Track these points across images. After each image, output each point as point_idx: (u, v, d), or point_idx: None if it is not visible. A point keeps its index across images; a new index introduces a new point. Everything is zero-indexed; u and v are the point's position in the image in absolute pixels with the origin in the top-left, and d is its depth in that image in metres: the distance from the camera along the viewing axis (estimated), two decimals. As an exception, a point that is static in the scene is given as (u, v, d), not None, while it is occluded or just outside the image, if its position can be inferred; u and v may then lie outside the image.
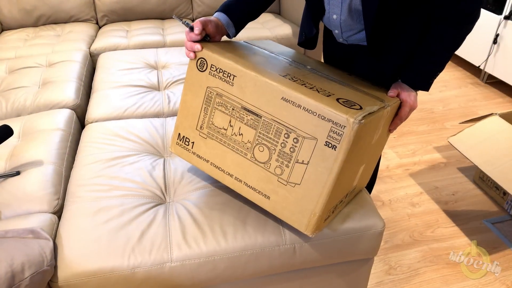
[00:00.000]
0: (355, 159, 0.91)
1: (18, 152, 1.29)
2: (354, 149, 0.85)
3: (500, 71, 2.65)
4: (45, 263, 0.91)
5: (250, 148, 0.94)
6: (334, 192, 0.89)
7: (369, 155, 1.02)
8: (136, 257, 0.95)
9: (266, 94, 0.88)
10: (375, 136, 0.97)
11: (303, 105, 0.84)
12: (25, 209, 1.12)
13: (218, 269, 0.99)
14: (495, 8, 2.60)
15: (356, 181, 1.05)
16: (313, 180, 0.87)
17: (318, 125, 0.83)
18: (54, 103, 1.64)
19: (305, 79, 0.92)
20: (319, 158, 0.85)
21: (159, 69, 1.92)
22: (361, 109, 0.83)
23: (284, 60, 1.04)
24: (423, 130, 2.33)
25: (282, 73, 0.92)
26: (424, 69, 1.05)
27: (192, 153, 1.05)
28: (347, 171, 0.90)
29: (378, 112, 0.88)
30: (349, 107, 0.82)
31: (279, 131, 0.88)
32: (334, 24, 1.09)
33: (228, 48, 0.99)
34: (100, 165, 1.21)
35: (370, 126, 0.87)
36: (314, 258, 1.05)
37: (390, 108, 0.97)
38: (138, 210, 1.05)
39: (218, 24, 1.03)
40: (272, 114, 0.89)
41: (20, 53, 2.19)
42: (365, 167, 1.06)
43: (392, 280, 1.46)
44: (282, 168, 0.90)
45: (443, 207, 1.78)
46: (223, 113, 0.96)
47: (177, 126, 1.06)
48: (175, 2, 2.67)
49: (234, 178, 0.99)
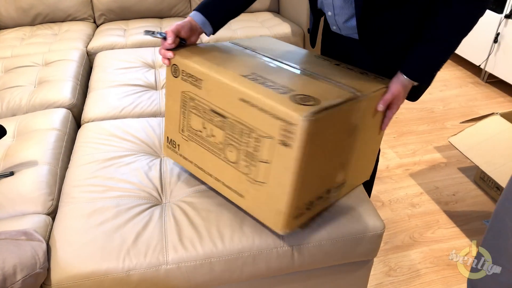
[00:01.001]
0: (324, 155, 0.90)
1: (12, 152, 1.27)
2: (315, 146, 0.84)
3: (500, 70, 2.64)
4: (38, 266, 0.89)
5: (222, 148, 0.96)
6: (302, 190, 0.88)
7: (352, 149, 0.99)
8: (131, 259, 0.94)
9: (227, 96, 0.90)
10: (354, 129, 0.94)
11: (259, 105, 0.84)
12: (19, 210, 1.10)
13: (215, 271, 0.98)
14: (496, 7, 2.59)
15: (342, 177, 1.02)
16: (277, 179, 0.87)
17: (272, 124, 0.83)
18: (50, 103, 1.63)
19: (270, 76, 0.93)
20: (279, 157, 0.85)
21: (156, 68, 1.90)
22: (316, 104, 0.82)
23: (259, 58, 1.04)
24: (423, 130, 2.31)
25: (246, 73, 0.93)
26: (427, 57, 0.97)
27: (179, 155, 1.10)
28: (316, 168, 0.89)
29: (342, 105, 0.86)
30: (302, 103, 0.82)
31: (243, 131, 0.90)
32: (327, 2, 1.07)
33: (200, 52, 1.02)
34: (95, 165, 1.19)
35: (332, 120, 0.86)
36: (312, 260, 1.04)
37: (368, 99, 0.94)
38: (133, 211, 1.04)
39: (192, 26, 1.04)
40: (234, 114, 0.90)
41: (17, 52, 2.17)
42: (355, 161, 1.03)
43: (392, 282, 1.44)
44: (249, 167, 0.91)
45: (444, 208, 1.77)
46: (197, 116, 1.00)
47: (165, 130, 1.11)
48: (173, 1, 2.65)
49: (213, 178, 1.02)
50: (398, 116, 2.42)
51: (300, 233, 1.01)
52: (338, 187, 1.04)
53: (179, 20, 2.62)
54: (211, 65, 0.95)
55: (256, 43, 1.17)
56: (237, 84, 0.88)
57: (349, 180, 1.07)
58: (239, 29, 2.47)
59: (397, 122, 2.37)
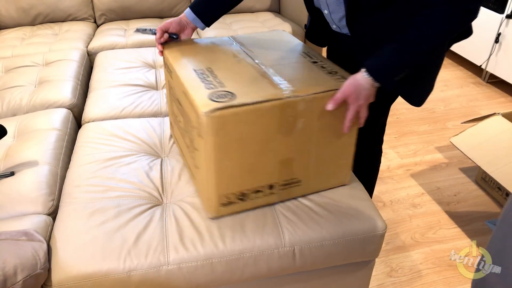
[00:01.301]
0: (250, 150, 0.93)
1: (13, 152, 1.27)
2: (227, 139, 0.89)
3: (502, 70, 2.63)
4: (39, 266, 0.89)
5: (183, 133, 1.09)
6: (225, 180, 0.95)
7: (299, 149, 0.99)
8: (132, 260, 0.93)
9: (179, 87, 1.02)
10: (291, 128, 0.94)
11: (189, 98, 0.93)
12: (19, 211, 1.10)
13: (216, 272, 0.97)
14: (497, 7, 2.58)
15: (290, 175, 1.02)
16: (204, 167, 0.95)
17: (194, 116, 0.92)
18: (50, 103, 1.62)
19: (219, 71, 1.00)
20: (199, 146, 0.94)
21: (157, 68, 1.90)
22: (228, 101, 0.87)
23: (235, 53, 1.11)
24: (424, 130, 2.31)
25: (199, 67, 1.02)
26: (393, 57, 0.91)
27: (174, 136, 1.28)
28: (241, 161, 0.94)
29: (260, 104, 0.89)
30: (215, 100, 0.88)
31: (188, 120, 1.00)
32: (322, 0, 1.06)
33: (185, 46, 1.15)
34: (96, 165, 1.18)
35: (247, 117, 0.89)
36: (314, 260, 1.03)
37: (306, 101, 0.92)
38: (134, 211, 1.03)
39: (181, 22, 1.17)
40: (183, 105, 1.01)
41: (17, 52, 2.17)
42: (314, 163, 1.03)
43: (393, 283, 1.44)
44: (192, 153, 1.02)
45: (445, 208, 1.76)
46: (173, 102, 1.15)
47: (169, 112, 1.29)
48: (174, 1, 2.65)
49: (185, 159, 1.17)
50: (399, 117, 2.42)
51: (301, 233, 1.00)
52: (286, 185, 1.04)
53: (179, 20, 2.63)
54: (181, 59, 1.07)
55: (253, 39, 1.22)
56: (183, 77, 0.99)
57: (308, 181, 1.07)
58: (240, 29, 2.47)
59: (398, 123, 2.37)
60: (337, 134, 1.02)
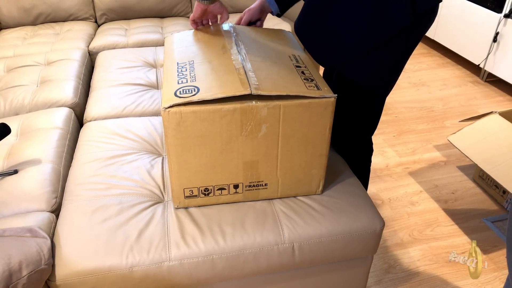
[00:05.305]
0: (210, 148, 0.96)
1: (16, 150, 1.29)
2: (185, 135, 0.93)
3: (500, 69, 2.65)
4: (43, 262, 0.90)
5: None
6: (184, 174, 0.99)
7: (265, 154, 1.00)
8: (134, 256, 0.95)
9: None
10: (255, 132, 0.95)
11: None
12: (23, 208, 1.11)
13: (217, 268, 0.99)
14: (495, 6, 2.60)
15: (255, 178, 1.03)
16: (168, 159, 0.99)
17: None
18: (52, 102, 1.64)
19: (199, 65, 1.01)
20: (165, 140, 0.96)
21: (158, 67, 1.92)
22: (187, 98, 0.89)
23: (225, 46, 1.10)
24: (422, 129, 2.32)
25: (182, 60, 1.04)
26: None
27: None
28: (201, 157, 0.97)
29: (222, 105, 0.90)
30: (179, 95, 0.90)
31: None
32: None
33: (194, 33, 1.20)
34: (98, 163, 1.20)
35: (205, 115, 0.91)
36: (313, 257, 1.05)
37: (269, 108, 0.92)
38: (136, 208, 1.05)
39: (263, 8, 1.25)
40: None
41: (19, 51, 2.18)
42: (285, 169, 1.03)
43: (391, 279, 1.46)
44: None
45: (443, 206, 1.78)
46: None
47: None
48: (174, 1, 2.66)
49: None
50: (398, 115, 2.43)
51: (300, 230, 1.02)
52: (253, 186, 1.05)
53: (179, 20, 2.64)
54: (176, 48, 1.11)
55: (251, 33, 1.20)
56: (165, 71, 1.02)
57: (275, 185, 1.07)
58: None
59: (397, 121, 2.39)
60: (305, 142, 1.01)
